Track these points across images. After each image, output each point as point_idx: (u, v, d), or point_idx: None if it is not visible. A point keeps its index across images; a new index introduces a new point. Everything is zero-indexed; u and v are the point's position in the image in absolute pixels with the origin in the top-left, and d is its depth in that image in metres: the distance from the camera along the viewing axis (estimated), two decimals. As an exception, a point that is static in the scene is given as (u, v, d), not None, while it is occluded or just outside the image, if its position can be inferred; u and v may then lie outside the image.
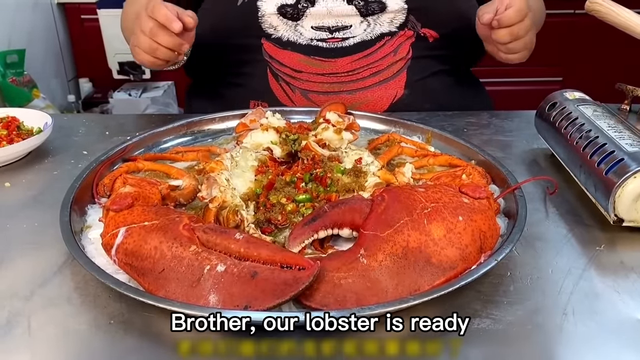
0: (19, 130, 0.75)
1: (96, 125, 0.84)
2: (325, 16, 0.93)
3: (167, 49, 0.76)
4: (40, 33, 2.14)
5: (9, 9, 1.91)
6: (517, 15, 0.78)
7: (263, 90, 0.95)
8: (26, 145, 0.71)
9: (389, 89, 0.94)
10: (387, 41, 0.94)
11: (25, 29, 2.01)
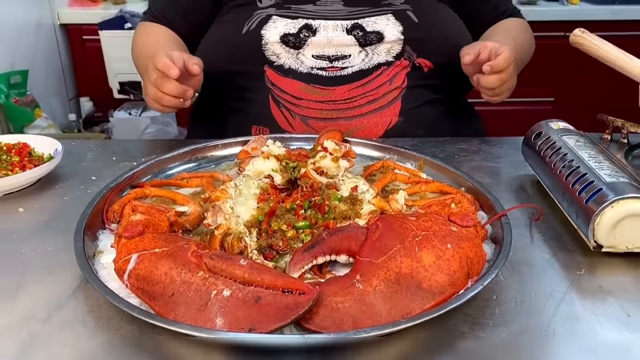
0: (31, 157, 0.79)
1: (103, 150, 0.88)
2: (326, 45, 0.97)
3: (172, 96, 0.81)
4: (43, 53, 2.18)
5: (12, 31, 1.96)
6: (505, 62, 0.83)
7: (265, 115, 0.99)
8: (38, 172, 0.74)
9: (384, 116, 0.98)
10: (384, 70, 0.98)
11: (29, 49, 2.06)
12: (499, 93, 0.88)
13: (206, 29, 1.07)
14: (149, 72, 0.83)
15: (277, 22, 0.98)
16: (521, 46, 1.09)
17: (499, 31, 1.10)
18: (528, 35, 1.15)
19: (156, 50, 0.98)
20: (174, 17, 1.08)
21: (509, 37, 1.06)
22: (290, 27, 0.97)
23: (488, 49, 0.85)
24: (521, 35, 1.11)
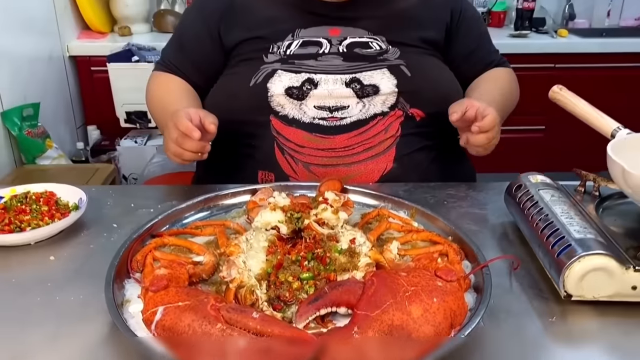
0: (57, 206, 0.87)
1: (121, 196, 0.95)
2: (326, 97, 1.06)
3: (192, 152, 0.90)
4: (53, 84, 2.26)
5: (26, 64, 2.04)
6: (492, 123, 0.92)
7: (270, 162, 1.07)
8: (67, 222, 0.82)
9: (380, 162, 1.06)
10: (380, 120, 1.07)
11: (40, 81, 2.14)
12: (486, 148, 0.97)
13: (216, 79, 1.16)
14: (170, 131, 0.92)
15: (282, 76, 1.07)
16: (507, 96, 1.18)
17: (486, 81, 1.19)
18: (514, 84, 1.23)
19: (172, 103, 1.07)
20: (186, 69, 1.17)
21: (495, 88, 1.16)
22: (294, 81, 1.06)
23: (474, 108, 0.93)
24: (507, 85, 1.20)
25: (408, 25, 1.14)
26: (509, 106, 1.20)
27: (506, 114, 1.19)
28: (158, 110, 1.15)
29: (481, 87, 1.17)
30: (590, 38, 2.59)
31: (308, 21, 1.13)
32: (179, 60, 1.18)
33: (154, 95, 1.18)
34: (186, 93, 1.15)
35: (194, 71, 1.17)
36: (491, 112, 0.93)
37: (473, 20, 1.24)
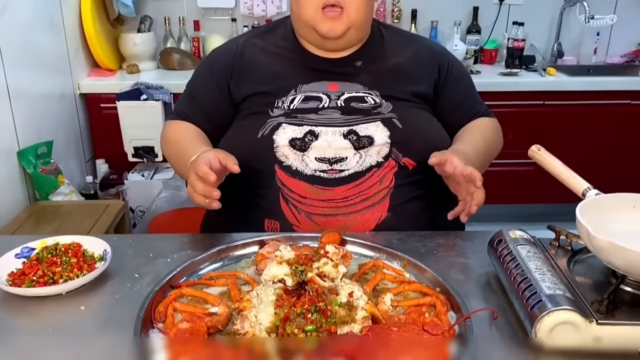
0: (84, 257, 0.96)
1: (140, 246, 1.05)
2: (326, 149, 1.16)
3: (201, 196, 1.00)
4: (65, 121, 2.37)
5: (41, 103, 2.15)
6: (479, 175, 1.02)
7: (276, 211, 1.16)
8: (95, 274, 0.91)
9: (375, 212, 1.16)
10: (375, 172, 1.17)
11: (53, 118, 2.25)
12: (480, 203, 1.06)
13: (225, 128, 1.26)
14: (190, 174, 1.03)
15: (286, 128, 1.17)
16: (490, 144, 1.29)
17: (470, 131, 1.29)
18: (497, 133, 1.34)
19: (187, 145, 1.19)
20: (197, 119, 1.28)
21: (479, 137, 1.26)
22: (297, 133, 1.16)
23: (453, 165, 1.04)
24: (490, 134, 1.31)
25: (399, 81, 1.25)
26: (492, 154, 1.30)
27: (489, 160, 1.29)
28: (174, 152, 1.26)
29: (466, 136, 1.28)
30: (577, 77, 2.71)
31: (309, 77, 1.24)
32: (191, 111, 1.29)
33: (168, 137, 1.28)
34: (198, 136, 1.25)
35: (205, 121, 1.27)
36: (472, 169, 1.03)
37: (460, 75, 1.34)
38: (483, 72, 2.78)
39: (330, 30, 1.18)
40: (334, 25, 1.18)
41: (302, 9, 1.19)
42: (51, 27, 2.26)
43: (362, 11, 1.19)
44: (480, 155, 1.21)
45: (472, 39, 2.96)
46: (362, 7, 1.19)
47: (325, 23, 1.17)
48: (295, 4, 1.22)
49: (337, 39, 1.20)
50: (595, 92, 2.63)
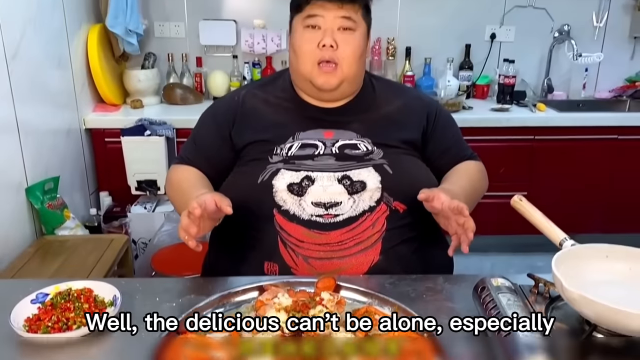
0: (95, 302, 1.02)
1: (147, 290, 1.11)
2: (322, 193, 1.23)
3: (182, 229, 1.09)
4: (71, 156, 2.45)
5: (49, 139, 2.23)
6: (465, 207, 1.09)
7: (274, 254, 1.23)
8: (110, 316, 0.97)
9: (368, 255, 1.23)
10: (368, 216, 1.24)
11: (59, 154, 2.32)
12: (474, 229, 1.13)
13: (226, 173, 1.34)
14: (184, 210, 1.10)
15: (284, 174, 1.25)
16: (475, 186, 1.36)
17: (457, 173, 1.37)
18: (483, 176, 1.42)
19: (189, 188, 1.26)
20: (201, 163, 1.35)
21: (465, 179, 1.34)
22: (295, 178, 1.24)
23: (441, 201, 1.11)
24: (475, 177, 1.38)
25: (390, 129, 1.34)
26: (478, 194, 1.38)
27: (475, 200, 1.36)
28: (177, 195, 1.33)
29: (453, 177, 1.36)
30: (566, 112, 2.80)
31: (306, 125, 1.33)
32: (194, 156, 1.37)
33: (173, 183, 1.36)
34: (200, 179, 1.33)
35: (207, 165, 1.35)
36: (457, 202, 1.10)
37: (447, 123, 1.43)
38: (475, 107, 2.87)
39: (325, 83, 1.27)
40: (328, 79, 1.27)
41: (300, 64, 1.29)
42: (59, 65, 2.35)
43: (354, 66, 1.29)
44: (466, 194, 1.28)
45: (464, 75, 3.06)
46: (355, 62, 1.28)
47: (321, 77, 1.27)
48: (294, 58, 1.31)
49: (332, 91, 1.30)
50: (583, 127, 2.72)
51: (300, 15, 1.28)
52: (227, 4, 3.00)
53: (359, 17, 1.28)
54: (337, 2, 1.24)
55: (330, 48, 1.25)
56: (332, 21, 1.25)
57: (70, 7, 2.42)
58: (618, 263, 0.98)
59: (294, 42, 1.30)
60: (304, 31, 1.28)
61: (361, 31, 1.30)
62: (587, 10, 3.05)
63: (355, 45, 1.28)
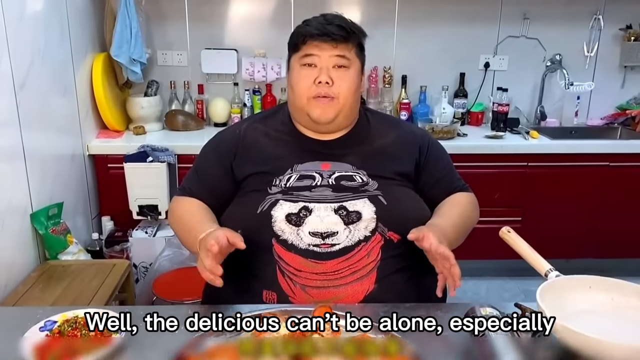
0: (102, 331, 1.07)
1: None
2: (319, 224, 1.28)
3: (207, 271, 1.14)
4: (74, 181, 2.50)
5: (53, 165, 2.28)
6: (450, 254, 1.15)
7: (273, 282, 1.28)
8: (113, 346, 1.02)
9: (363, 284, 1.27)
10: (363, 246, 1.29)
11: (64, 180, 2.37)
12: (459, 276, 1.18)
13: (227, 203, 1.39)
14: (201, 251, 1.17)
15: (283, 205, 1.30)
16: (465, 218, 1.41)
17: (449, 205, 1.42)
18: (474, 207, 1.47)
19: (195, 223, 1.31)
20: (203, 194, 1.41)
21: (456, 212, 1.39)
22: (293, 208, 1.29)
23: (429, 241, 1.17)
24: (467, 209, 1.43)
25: (384, 161, 1.40)
26: (468, 225, 1.43)
27: (465, 231, 1.42)
28: (182, 228, 1.38)
29: (444, 209, 1.41)
30: (559, 140, 2.87)
31: (304, 157, 1.38)
32: (196, 187, 1.43)
33: (177, 216, 1.41)
34: (205, 212, 1.38)
35: (209, 196, 1.41)
36: (444, 249, 1.15)
37: (438, 155, 1.49)
38: (470, 134, 2.94)
39: (322, 115, 1.34)
40: (324, 111, 1.34)
41: (296, 99, 1.36)
42: (65, 93, 2.42)
43: (349, 100, 1.36)
44: (456, 227, 1.34)
45: (459, 103, 3.13)
46: (350, 97, 1.35)
47: (317, 109, 1.34)
48: (292, 93, 1.38)
49: (328, 124, 1.36)
50: (576, 154, 2.78)
51: (297, 54, 1.36)
52: (229, 34, 3.09)
53: (352, 55, 1.36)
54: (331, 42, 1.32)
55: (326, 84, 1.32)
56: (327, 60, 1.33)
57: (76, 37, 2.50)
58: (601, 294, 1.03)
59: (292, 79, 1.38)
60: (301, 69, 1.35)
61: (355, 68, 1.37)
62: (578, 40, 3.14)
63: (350, 82, 1.35)
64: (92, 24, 2.72)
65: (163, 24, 3.05)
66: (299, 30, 1.36)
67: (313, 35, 1.32)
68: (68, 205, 2.31)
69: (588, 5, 3.09)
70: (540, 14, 3.09)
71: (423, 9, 3.07)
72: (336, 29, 1.32)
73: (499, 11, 3.10)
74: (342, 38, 1.33)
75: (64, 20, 2.39)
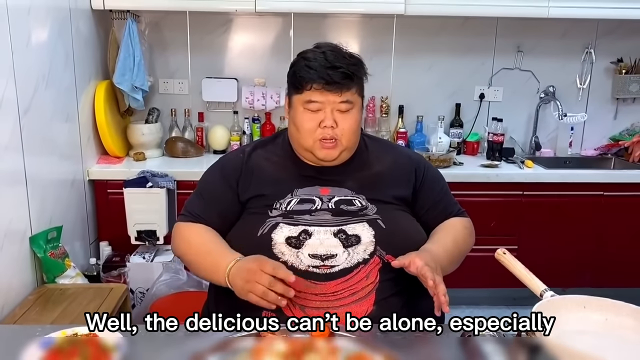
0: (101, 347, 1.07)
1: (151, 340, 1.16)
2: (319, 246, 1.30)
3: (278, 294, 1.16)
4: (73, 206, 2.51)
5: (53, 189, 2.29)
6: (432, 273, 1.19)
7: (273, 303, 1.29)
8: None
9: (362, 306, 1.28)
10: (362, 268, 1.30)
11: (63, 204, 2.39)
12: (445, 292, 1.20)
13: (231, 224, 1.41)
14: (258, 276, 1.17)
15: (283, 228, 1.32)
16: (459, 243, 1.43)
17: (443, 230, 1.45)
18: (468, 232, 1.49)
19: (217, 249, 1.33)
20: (211, 217, 1.41)
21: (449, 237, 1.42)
22: (293, 232, 1.31)
23: (416, 266, 1.20)
24: (460, 234, 1.45)
25: (382, 186, 1.43)
26: (461, 252, 1.45)
27: (459, 256, 1.43)
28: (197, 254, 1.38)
29: (437, 235, 1.44)
30: (553, 169, 2.91)
31: (304, 182, 1.41)
32: (203, 211, 1.43)
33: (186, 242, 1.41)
34: (218, 237, 1.39)
35: (218, 219, 1.42)
36: (426, 270, 1.19)
37: (434, 178, 1.52)
38: (466, 163, 2.98)
39: (327, 156, 1.38)
40: (329, 153, 1.38)
41: (301, 139, 1.39)
42: (67, 119, 2.46)
43: (353, 139, 1.40)
44: (448, 252, 1.36)
45: (455, 132, 3.19)
46: (353, 135, 1.39)
47: (322, 151, 1.38)
48: (295, 132, 1.40)
49: (332, 161, 1.40)
50: (570, 183, 2.82)
51: (300, 96, 1.36)
52: (230, 63, 3.15)
53: (355, 97, 1.37)
54: (336, 92, 1.33)
55: (330, 128, 1.35)
56: (331, 105, 1.35)
57: (80, 64, 2.56)
58: (595, 314, 1.05)
59: (295, 118, 1.39)
60: (305, 111, 1.36)
61: (357, 107, 1.39)
62: (570, 73, 3.22)
63: (353, 121, 1.38)
64: (96, 52, 2.78)
65: (165, 53, 3.11)
66: (301, 74, 1.34)
67: (317, 81, 1.32)
68: (67, 229, 2.32)
69: (580, 39, 3.17)
70: (533, 47, 3.17)
71: (419, 40, 3.15)
72: (340, 76, 1.31)
73: (494, 44, 3.18)
74: (346, 86, 1.34)
75: (68, 48, 2.45)
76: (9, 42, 1.91)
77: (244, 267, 1.23)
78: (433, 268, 1.22)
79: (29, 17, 2.08)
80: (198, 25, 3.08)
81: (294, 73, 1.38)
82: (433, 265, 1.22)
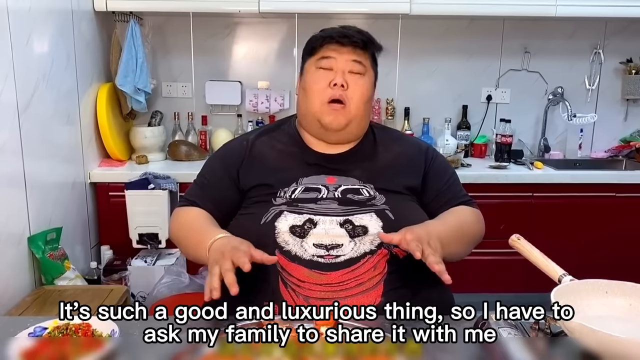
0: (93, 337, 1.02)
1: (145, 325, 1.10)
2: (324, 236, 1.25)
3: None
4: (74, 208, 2.47)
5: (53, 191, 2.25)
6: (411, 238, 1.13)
7: (275, 293, 1.23)
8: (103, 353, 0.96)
9: (370, 297, 1.22)
10: (369, 259, 1.24)
11: (63, 206, 2.34)
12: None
13: (230, 215, 1.36)
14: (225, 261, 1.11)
15: (287, 216, 1.27)
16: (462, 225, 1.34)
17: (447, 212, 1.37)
18: (476, 219, 1.40)
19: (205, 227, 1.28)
20: (205, 204, 1.37)
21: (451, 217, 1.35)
22: (297, 220, 1.26)
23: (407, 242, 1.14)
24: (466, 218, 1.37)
25: (391, 175, 1.37)
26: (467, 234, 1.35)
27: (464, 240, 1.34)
28: (186, 236, 1.35)
29: (441, 215, 1.37)
30: (563, 170, 2.85)
31: (309, 171, 1.36)
32: (200, 198, 1.39)
33: (182, 223, 1.38)
34: (208, 218, 1.34)
35: (213, 207, 1.37)
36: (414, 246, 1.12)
37: (442, 166, 1.46)
38: (474, 165, 2.93)
39: (333, 121, 1.33)
40: (336, 117, 1.33)
41: (309, 103, 1.35)
42: (68, 121, 2.42)
43: (361, 108, 1.35)
44: (449, 228, 1.29)
45: (462, 135, 3.13)
46: (362, 105, 1.34)
47: (329, 115, 1.33)
48: (304, 98, 1.38)
49: (338, 131, 1.34)
50: (581, 184, 2.75)
51: (313, 57, 1.36)
52: (233, 67, 3.13)
53: (368, 63, 1.37)
54: (349, 46, 1.33)
55: (341, 87, 1.32)
56: (344, 63, 1.33)
57: (82, 66, 2.53)
58: (617, 298, 0.98)
59: (306, 82, 1.37)
60: (316, 71, 1.35)
61: (369, 77, 1.37)
62: (579, 73, 3.17)
63: (364, 88, 1.35)
64: (98, 54, 2.76)
65: (168, 56, 3.09)
66: (316, 37, 1.37)
67: (332, 37, 1.33)
68: (67, 231, 2.27)
69: (588, 39, 3.13)
70: (541, 48, 3.13)
71: (425, 42, 3.12)
72: (355, 33, 1.34)
73: (500, 45, 3.14)
74: (361, 42, 1.34)
75: (70, 48, 2.42)
76: (8, 42, 1.89)
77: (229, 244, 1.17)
78: (425, 240, 1.15)
79: (29, 17, 2.06)
80: (201, 28, 3.06)
81: (309, 39, 1.39)
82: (425, 237, 1.15)
